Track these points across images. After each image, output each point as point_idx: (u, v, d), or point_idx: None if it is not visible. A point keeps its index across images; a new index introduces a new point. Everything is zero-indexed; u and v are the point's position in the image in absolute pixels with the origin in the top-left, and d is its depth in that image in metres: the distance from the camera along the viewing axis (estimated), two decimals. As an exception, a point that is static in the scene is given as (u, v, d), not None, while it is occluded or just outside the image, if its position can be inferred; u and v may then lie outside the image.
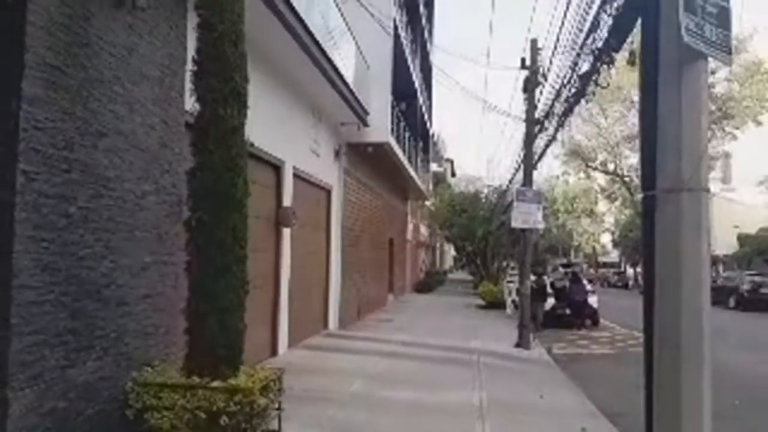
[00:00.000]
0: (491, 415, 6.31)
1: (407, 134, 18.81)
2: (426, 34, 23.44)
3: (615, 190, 50.89)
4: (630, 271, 50.64)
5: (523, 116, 12.40)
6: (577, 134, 42.85)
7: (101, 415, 4.54)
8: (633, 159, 44.39)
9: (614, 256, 63.49)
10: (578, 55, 8.55)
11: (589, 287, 16.71)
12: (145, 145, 5.23)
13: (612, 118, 43.35)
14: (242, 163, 5.09)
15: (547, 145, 11.81)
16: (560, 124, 9.86)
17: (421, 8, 21.10)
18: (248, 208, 5.18)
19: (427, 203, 34.09)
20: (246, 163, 5.18)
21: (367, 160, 15.15)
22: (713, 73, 40.99)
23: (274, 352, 8.90)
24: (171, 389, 4.64)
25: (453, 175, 54.90)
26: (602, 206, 58.81)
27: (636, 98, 39.56)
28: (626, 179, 43.20)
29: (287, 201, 9.24)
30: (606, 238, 69.55)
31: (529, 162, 12.30)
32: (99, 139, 4.63)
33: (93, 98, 4.56)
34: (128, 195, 4.96)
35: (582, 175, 53.25)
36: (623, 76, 40.89)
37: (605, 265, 53.12)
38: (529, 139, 12.18)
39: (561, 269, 18.29)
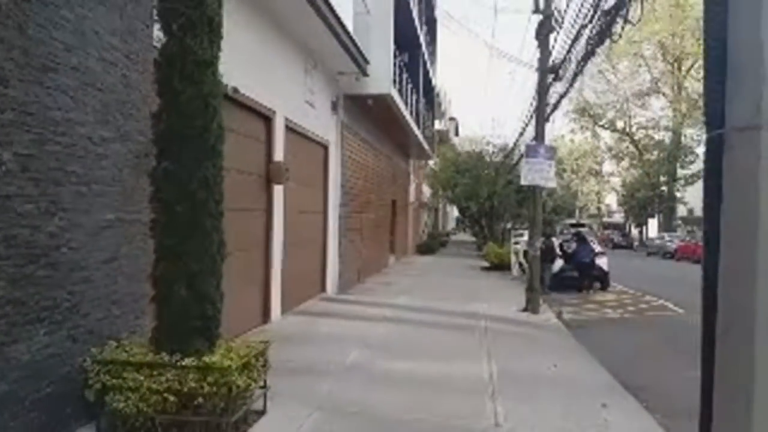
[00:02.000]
0: (503, 391, 5.70)
1: (410, 87, 17.89)
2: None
3: (622, 149, 49.85)
4: (635, 232, 50.03)
5: (535, 65, 11.50)
6: (585, 90, 41.70)
7: (54, 398, 3.91)
8: (641, 117, 43.35)
9: (618, 217, 62.78)
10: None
11: (597, 248, 16.04)
12: (103, 83, 4.45)
13: (621, 74, 42.12)
14: (216, 103, 4.32)
15: (561, 96, 10.97)
16: (579, 71, 9.00)
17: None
18: (224, 156, 4.42)
19: (430, 162, 33.21)
20: (220, 103, 4.41)
21: (367, 115, 14.31)
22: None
23: (266, 318, 8.29)
24: (135, 368, 3.99)
25: (457, 134, 53.80)
26: (608, 166, 57.83)
27: (647, 53, 38.00)
28: (635, 138, 42.20)
29: (279, 156, 8.49)
30: (611, 199, 68.75)
31: (541, 115, 11.46)
32: (42, 73, 3.86)
33: (33, 23, 3.78)
34: (82, 141, 4.22)
35: (588, 134, 52.17)
36: (635, 28, 39.46)
37: (610, 226, 52.45)
38: (541, 90, 11.31)
39: (570, 230, 17.60)
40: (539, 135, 11.57)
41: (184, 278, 4.10)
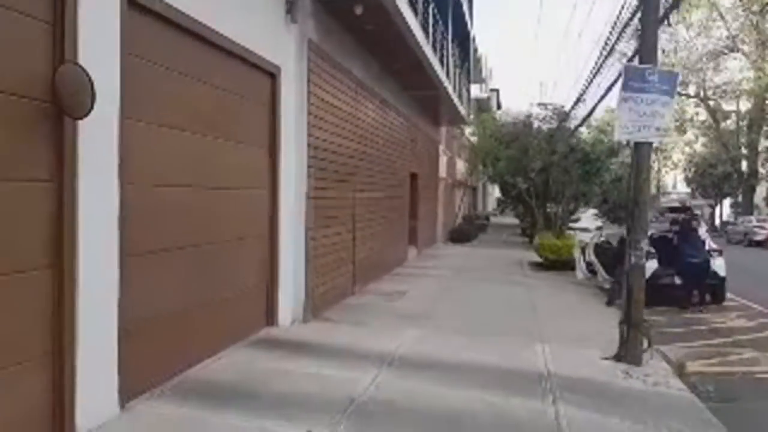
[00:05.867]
0: None
1: (434, 13, 12.87)
2: None
3: (687, 118, 43.28)
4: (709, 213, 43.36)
5: None
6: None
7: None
8: (718, 78, 36.83)
9: (674, 196, 55.87)
10: None
11: (711, 243, 10.85)
12: None
13: (694, 29, 35.67)
14: None
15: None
16: None
17: None
18: None
19: (467, 132, 28.04)
20: None
21: (362, 40, 9.43)
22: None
23: (61, 417, 3.63)
24: None
25: (499, 107, 48.35)
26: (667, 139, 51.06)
27: (727, 3, 31.28)
28: (709, 103, 35.83)
29: (91, 56, 3.73)
30: (670, 177, 61.89)
31: (651, 11, 6.40)
32: None
33: None
34: None
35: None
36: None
37: (675, 209, 45.77)
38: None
39: (668, 215, 12.41)
40: (648, 51, 6.51)
41: None
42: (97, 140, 3.82)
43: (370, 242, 10.80)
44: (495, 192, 50.01)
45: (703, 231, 10.99)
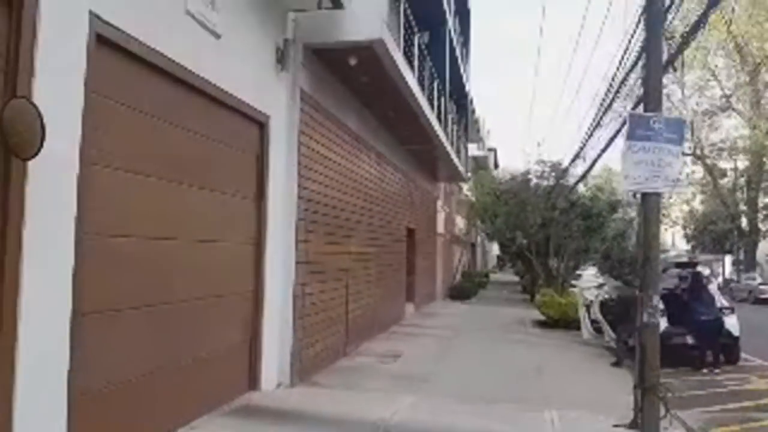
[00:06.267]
0: None
1: (430, 68, 12.78)
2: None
3: (683, 177, 43.29)
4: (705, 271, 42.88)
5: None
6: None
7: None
8: (714, 137, 36.98)
9: (672, 254, 55.35)
10: None
11: (722, 301, 10.35)
12: None
13: (689, 88, 36.07)
14: None
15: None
16: None
17: None
18: None
19: (465, 188, 27.89)
20: None
21: (356, 92, 9.24)
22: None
23: None
24: None
25: (496, 166, 48.56)
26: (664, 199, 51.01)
27: (719, 62, 31.78)
28: (706, 161, 35.78)
29: (47, 93, 3.39)
30: (668, 236, 61.60)
31: (655, 58, 6.16)
32: None
33: None
34: None
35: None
36: (707, 34, 33.76)
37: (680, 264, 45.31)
38: (654, 14, 6.04)
39: (674, 271, 11.92)
40: (653, 100, 6.24)
41: None
42: (52, 185, 3.43)
43: (364, 299, 10.30)
44: (494, 249, 49.56)
45: (714, 287, 10.50)
